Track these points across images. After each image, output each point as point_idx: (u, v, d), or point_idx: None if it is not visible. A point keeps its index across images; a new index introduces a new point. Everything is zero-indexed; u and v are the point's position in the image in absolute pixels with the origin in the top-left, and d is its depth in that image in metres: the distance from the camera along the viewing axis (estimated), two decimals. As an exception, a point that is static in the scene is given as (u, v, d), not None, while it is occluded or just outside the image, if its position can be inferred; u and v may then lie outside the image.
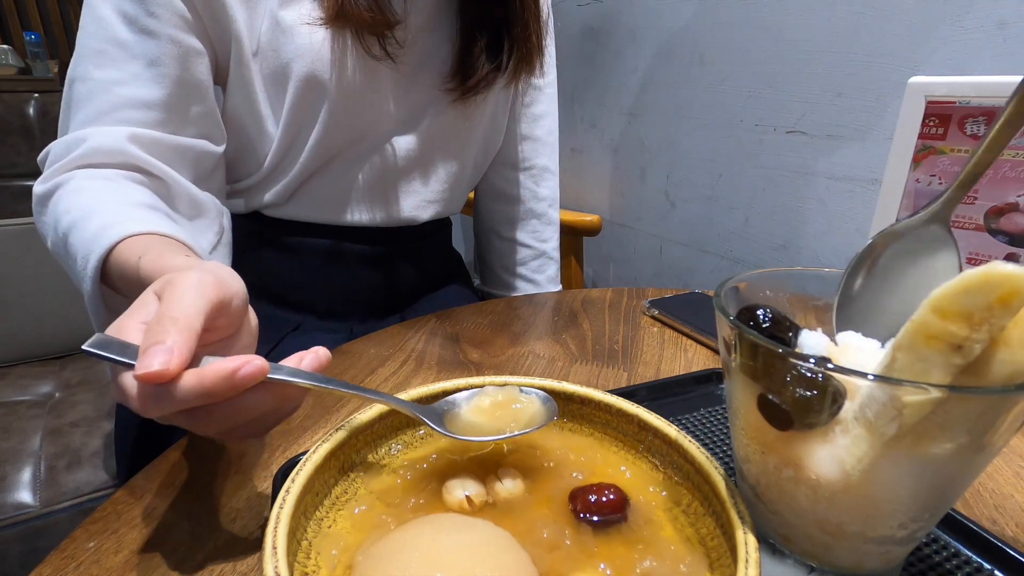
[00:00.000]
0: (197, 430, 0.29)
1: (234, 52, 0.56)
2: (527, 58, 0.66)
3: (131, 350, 0.28)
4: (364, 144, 0.63)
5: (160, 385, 0.26)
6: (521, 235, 0.83)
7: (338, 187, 0.64)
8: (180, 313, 0.27)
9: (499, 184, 0.81)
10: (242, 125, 0.60)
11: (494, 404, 0.33)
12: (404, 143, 0.65)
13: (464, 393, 0.34)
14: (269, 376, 0.28)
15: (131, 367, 0.27)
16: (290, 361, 0.30)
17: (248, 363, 0.27)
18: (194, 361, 0.28)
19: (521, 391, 0.33)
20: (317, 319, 0.68)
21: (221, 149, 0.58)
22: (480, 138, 0.72)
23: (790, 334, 0.27)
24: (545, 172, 0.82)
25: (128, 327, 0.29)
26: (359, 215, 0.66)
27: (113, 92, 0.50)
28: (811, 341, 0.27)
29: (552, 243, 0.85)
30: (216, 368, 0.26)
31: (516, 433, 0.32)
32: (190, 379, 0.26)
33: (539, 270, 0.84)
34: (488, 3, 0.62)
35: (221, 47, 0.56)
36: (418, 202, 0.69)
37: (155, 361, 0.25)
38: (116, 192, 0.47)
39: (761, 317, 0.26)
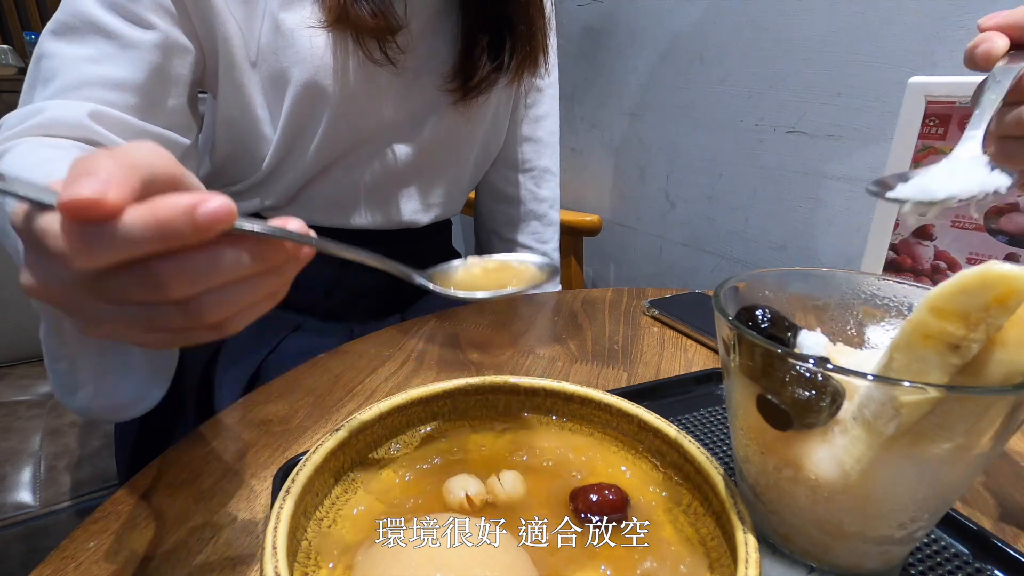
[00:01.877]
0: (157, 296, 0.22)
1: (224, 53, 0.54)
2: (531, 56, 0.65)
3: (49, 193, 0.21)
4: (364, 149, 0.63)
5: (97, 224, 0.20)
6: (522, 237, 0.83)
7: (338, 191, 0.64)
8: (117, 151, 0.21)
9: (500, 185, 0.81)
10: (237, 127, 0.60)
11: (485, 270, 0.31)
12: (405, 147, 0.65)
13: (454, 261, 0.31)
14: (239, 226, 0.22)
15: (48, 208, 0.21)
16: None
17: (211, 198, 0.21)
18: None
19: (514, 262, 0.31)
20: (317, 320, 0.68)
21: (188, 141, 0.56)
22: (481, 140, 0.71)
23: (789, 334, 0.27)
24: (546, 173, 0.82)
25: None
26: (359, 219, 0.66)
27: (82, 69, 0.46)
28: (810, 341, 0.27)
29: (552, 244, 0.85)
30: (172, 201, 0.20)
31: (519, 290, 0.30)
32: (139, 212, 0.20)
33: None
34: (491, 2, 0.62)
35: (209, 47, 0.55)
36: (418, 206, 0.69)
37: (85, 188, 0.19)
38: (65, 156, 0.40)
39: (760, 317, 0.26)
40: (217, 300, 0.23)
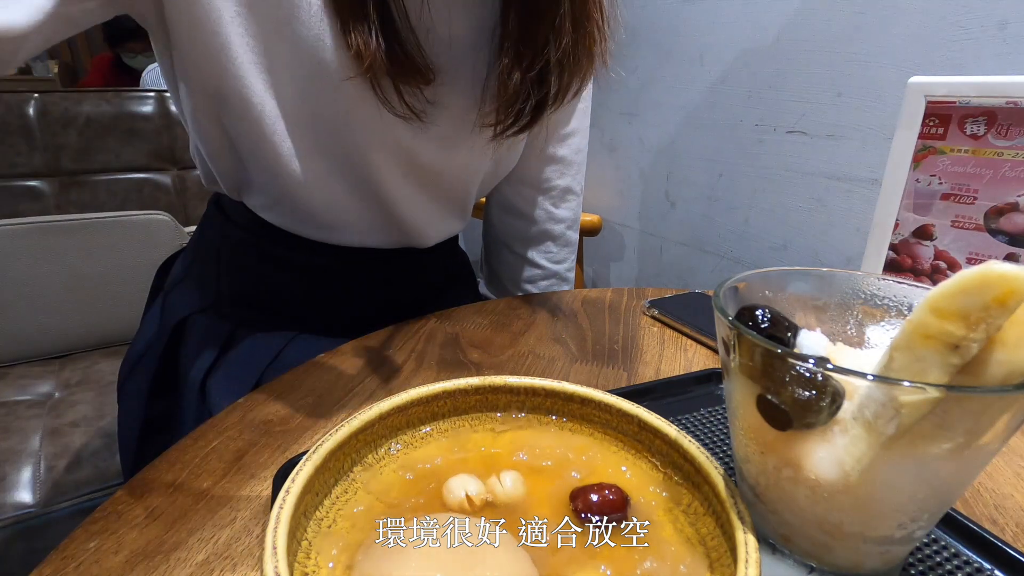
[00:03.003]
0: None
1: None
2: (582, 80, 0.57)
3: None
4: (363, 170, 0.57)
5: None
6: (534, 254, 0.78)
7: (328, 207, 0.59)
8: None
9: (514, 200, 0.75)
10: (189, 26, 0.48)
11: None
12: (413, 171, 0.58)
13: None
14: None
15: None
16: None
17: None
18: None
19: None
20: (319, 328, 0.67)
21: None
22: (492, 162, 0.65)
23: (789, 334, 0.27)
24: (567, 194, 0.75)
25: None
26: (358, 239, 0.63)
27: None
28: (810, 341, 0.27)
29: (567, 264, 0.80)
30: None
31: None
32: None
33: (548, 289, 0.80)
34: (534, 23, 0.50)
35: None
36: (421, 229, 0.65)
37: None
38: None
39: (760, 317, 0.26)
40: None
